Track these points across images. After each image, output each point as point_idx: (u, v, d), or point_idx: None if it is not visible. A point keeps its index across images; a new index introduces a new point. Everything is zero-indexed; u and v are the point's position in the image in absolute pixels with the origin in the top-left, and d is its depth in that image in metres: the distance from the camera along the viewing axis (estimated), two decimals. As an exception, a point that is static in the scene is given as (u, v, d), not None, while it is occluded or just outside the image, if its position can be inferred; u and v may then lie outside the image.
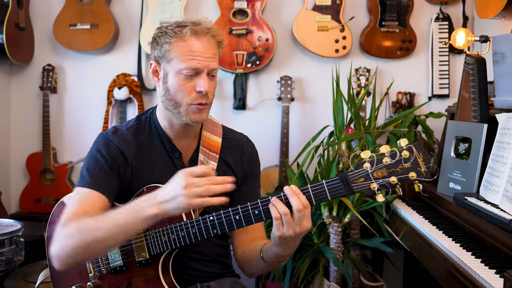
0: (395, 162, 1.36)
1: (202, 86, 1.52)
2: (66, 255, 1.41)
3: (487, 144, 2.03)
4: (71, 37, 3.23)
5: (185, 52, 1.52)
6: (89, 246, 1.39)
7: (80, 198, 1.51)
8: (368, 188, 1.37)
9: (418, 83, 3.32)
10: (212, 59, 1.54)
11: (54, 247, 1.42)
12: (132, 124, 1.66)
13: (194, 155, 1.67)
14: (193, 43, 1.52)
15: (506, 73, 2.02)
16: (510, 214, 1.69)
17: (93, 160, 1.57)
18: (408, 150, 1.37)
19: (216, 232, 1.46)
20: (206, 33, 1.54)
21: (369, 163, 1.37)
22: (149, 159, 1.62)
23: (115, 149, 1.58)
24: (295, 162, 2.89)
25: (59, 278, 1.64)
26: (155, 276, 1.53)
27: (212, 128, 1.72)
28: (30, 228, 2.83)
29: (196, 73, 1.53)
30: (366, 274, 2.71)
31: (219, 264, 1.71)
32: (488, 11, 2.51)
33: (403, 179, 1.37)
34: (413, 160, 1.36)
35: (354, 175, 1.38)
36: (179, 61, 1.52)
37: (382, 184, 1.37)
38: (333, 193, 1.39)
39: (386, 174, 1.37)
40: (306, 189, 1.39)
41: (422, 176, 1.37)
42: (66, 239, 1.41)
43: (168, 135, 1.64)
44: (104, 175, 1.54)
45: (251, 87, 3.35)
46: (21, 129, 3.43)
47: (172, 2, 3.22)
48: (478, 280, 1.49)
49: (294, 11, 3.27)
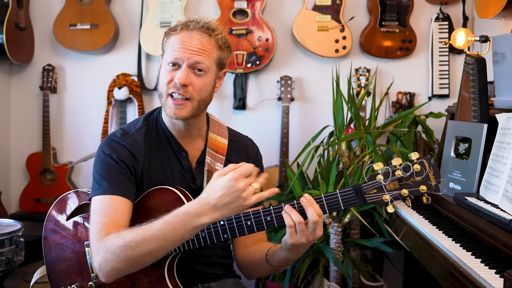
0: (407, 176, 1.41)
1: (177, 77, 1.52)
2: (112, 269, 1.40)
3: (487, 144, 2.03)
4: (71, 37, 3.23)
5: (173, 44, 1.54)
6: (136, 260, 1.38)
7: (106, 207, 1.48)
8: (381, 200, 1.41)
9: (418, 83, 3.32)
10: (197, 53, 1.52)
11: (98, 262, 1.41)
12: (140, 126, 1.65)
13: (201, 157, 1.66)
14: (181, 36, 1.54)
15: (506, 73, 2.02)
16: (510, 214, 1.69)
17: (106, 164, 1.54)
18: (420, 164, 1.41)
19: (227, 237, 1.46)
20: (197, 28, 1.54)
21: (382, 175, 1.41)
22: (158, 160, 1.61)
23: (127, 152, 1.57)
24: (295, 162, 2.89)
25: (57, 277, 1.64)
26: (160, 277, 1.53)
27: (218, 130, 1.72)
28: (30, 228, 2.84)
29: (178, 65, 1.53)
30: (366, 274, 2.71)
31: (221, 266, 1.72)
32: (488, 11, 2.51)
33: (414, 192, 1.41)
34: (425, 174, 1.41)
35: (367, 186, 1.42)
36: (167, 53, 1.56)
37: (394, 196, 1.41)
38: (346, 203, 1.42)
39: (398, 186, 1.41)
40: (320, 198, 1.42)
41: (432, 189, 1.42)
42: (109, 254, 1.39)
43: (173, 135, 1.64)
44: (121, 178, 1.53)
45: (251, 87, 3.35)
46: (21, 129, 3.42)
47: (172, 2, 3.22)
48: (478, 280, 1.49)
49: (294, 11, 3.27)
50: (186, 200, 1.52)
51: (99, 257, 1.41)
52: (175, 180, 1.61)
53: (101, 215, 1.47)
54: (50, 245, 1.67)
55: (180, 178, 1.62)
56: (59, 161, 3.38)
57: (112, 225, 1.45)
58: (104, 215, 1.47)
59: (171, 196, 1.54)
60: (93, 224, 1.47)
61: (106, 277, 1.42)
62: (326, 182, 2.59)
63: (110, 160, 1.54)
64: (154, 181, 1.58)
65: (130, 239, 1.37)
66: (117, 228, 1.44)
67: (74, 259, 1.63)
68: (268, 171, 3.25)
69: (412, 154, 1.41)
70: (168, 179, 1.60)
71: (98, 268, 1.42)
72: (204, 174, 1.63)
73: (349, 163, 2.68)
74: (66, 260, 1.64)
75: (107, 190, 1.50)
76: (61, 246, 1.65)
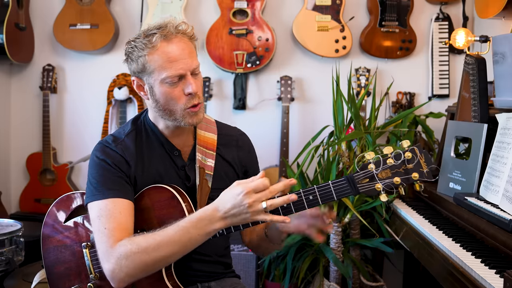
0: (399, 163, 1.40)
1: (190, 88, 1.51)
2: (126, 275, 1.41)
3: (487, 144, 2.03)
4: (71, 37, 3.23)
5: (163, 61, 1.49)
6: (151, 265, 1.41)
7: (110, 212, 1.47)
8: (373, 189, 1.40)
9: (418, 83, 3.32)
10: (191, 58, 1.52)
11: (110, 269, 1.42)
12: (130, 130, 1.64)
13: (192, 153, 1.66)
14: (167, 50, 1.49)
15: (506, 73, 2.02)
16: (510, 214, 1.69)
17: (102, 169, 1.54)
18: (411, 151, 1.40)
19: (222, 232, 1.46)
20: (175, 33, 1.51)
21: (373, 164, 1.40)
22: (151, 162, 1.61)
23: (119, 158, 1.56)
24: (295, 162, 2.89)
25: (56, 279, 1.64)
26: (159, 277, 1.52)
27: (206, 126, 1.71)
28: (30, 228, 2.83)
29: (180, 77, 1.51)
30: (366, 274, 2.71)
31: (220, 265, 1.72)
32: (488, 11, 2.51)
33: (406, 179, 1.40)
34: (416, 161, 1.40)
35: (359, 176, 1.41)
36: (160, 72, 1.50)
37: (386, 184, 1.40)
38: (339, 194, 1.41)
39: (390, 174, 1.40)
40: (313, 189, 1.41)
41: (424, 176, 1.40)
42: (123, 260, 1.40)
43: (165, 135, 1.64)
44: (119, 181, 1.53)
45: (251, 87, 3.35)
46: (21, 129, 3.43)
47: (172, 2, 3.22)
48: (478, 280, 1.49)
49: (294, 11, 3.27)
50: (180, 198, 1.52)
51: (110, 264, 1.42)
52: (170, 179, 1.61)
53: (106, 221, 1.47)
54: (48, 247, 1.67)
55: (175, 177, 1.62)
56: (59, 161, 3.38)
57: (119, 230, 1.45)
58: (109, 221, 1.46)
59: (165, 194, 1.54)
60: (99, 231, 1.47)
61: (119, 283, 1.43)
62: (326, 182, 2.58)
63: (105, 165, 1.54)
64: (149, 182, 1.58)
65: (146, 245, 1.39)
66: (124, 232, 1.45)
67: (72, 261, 1.62)
68: (268, 171, 3.25)
69: (403, 142, 1.40)
70: (162, 180, 1.59)
71: (111, 275, 1.42)
72: (196, 171, 1.63)
73: (349, 163, 2.68)
74: (64, 262, 1.63)
75: (107, 194, 1.50)
76: (59, 248, 1.65)
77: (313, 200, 1.40)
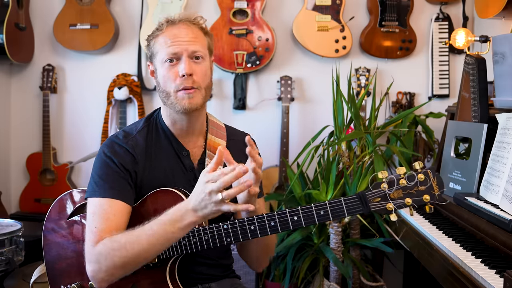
0: (412, 185, 1.41)
1: (182, 69, 1.52)
2: (106, 274, 1.42)
3: (487, 144, 2.03)
4: (71, 37, 3.23)
5: (164, 41, 1.55)
6: (130, 262, 1.41)
7: (104, 212, 1.48)
8: (385, 208, 1.41)
9: (418, 83, 3.32)
10: (192, 42, 1.55)
11: (91, 268, 1.43)
12: (142, 127, 1.64)
13: (202, 156, 1.66)
14: (170, 32, 1.56)
15: (506, 73, 2.02)
16: (510, 214, 1.69)
17: (106, 166, 1.54)
18: (425, 174, 1.40)
19: (230, 240, 1.46)
20: (182, 20, 1.57)
21: (386, 183, 1.41)
22: (159, 161, 1.61)
23: (128, 155, 1.56)
24: (295, 162, 2.89)
25: (56, 275, 1.64)
26: (161, 279, 1.52)
27: (217, 131, 1.71)
28: (30, 228, 2.84)
29: (177, 58, 1.54)
30: (366, 274, 2.71)
31: (222, 267, 1.72)
32: (488, 11, 2.51)
33: (418, 201, 1.41)
34: (429, 184, 1.41)
35: (372, 194, 1.41)
36: (161, 52, 1.55)
37: (398, 205, 1.41)
38: (350, 211, 1.41)
39: (402, 195, 1.41)
40: (324, 205, 1.41)
41: (435, 199, 1.41)
42: (102, 259, 1.41)
43: (174, 134, 1.64)
44: (121, 182, 1.52)
45: (251, 87, 3.35)
46: (21, 129, 3.42)
47: (172, 2, 3.22)
48: (478, 280, 1.49)
49: (294, 11, 3.27)
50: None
51: (91, 264, 1.43)
52: (177, 180, 1.60)
53: (98, 220, 1.47)
54: (50, 243, 1.67)
55: (182, 178, 1.61)
56: (59, 161, 3.38)
57: (108, 232, 1.45)
58: (101, 221, 1.47)
59: (172, 197, 1.53)
60: (89, 229, 1.48)
61: (100, 283, 1.44)
62: (326, 182, 2.59)
63: (111, 163, 1.54)
64: (155, 183, 1.57)
65: (125, 240, 1.40)
66: (112, 234, 1.45)
67: (74, 258, 1.62)
68: (268, 171, 3.25)
69: (416, 164, 1.41)
70: (169, 180, 1.59)
71: (91, 275, 1.44)
72: None
73: (349, 163, 2.68)
74: (66, 259, 1.64)
75: (106, 193, 1.50)
76: (62, 245, 1.65)
77: (325, 215, 1.41)
